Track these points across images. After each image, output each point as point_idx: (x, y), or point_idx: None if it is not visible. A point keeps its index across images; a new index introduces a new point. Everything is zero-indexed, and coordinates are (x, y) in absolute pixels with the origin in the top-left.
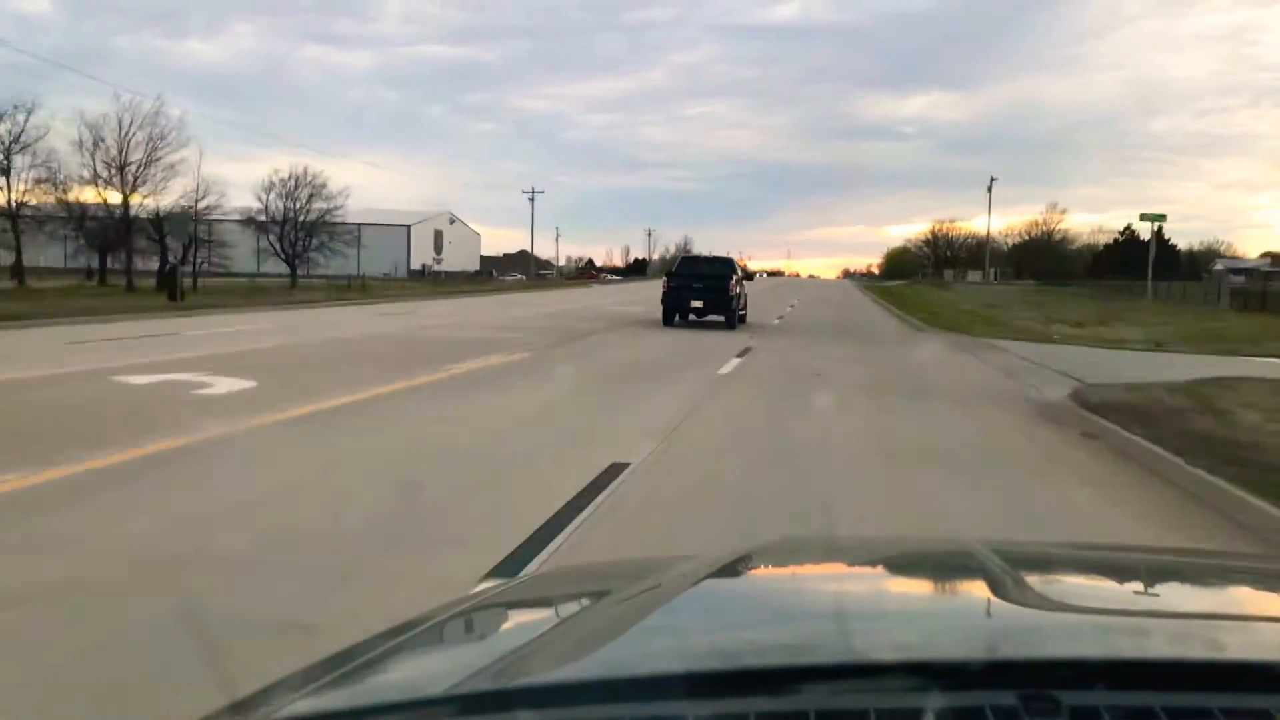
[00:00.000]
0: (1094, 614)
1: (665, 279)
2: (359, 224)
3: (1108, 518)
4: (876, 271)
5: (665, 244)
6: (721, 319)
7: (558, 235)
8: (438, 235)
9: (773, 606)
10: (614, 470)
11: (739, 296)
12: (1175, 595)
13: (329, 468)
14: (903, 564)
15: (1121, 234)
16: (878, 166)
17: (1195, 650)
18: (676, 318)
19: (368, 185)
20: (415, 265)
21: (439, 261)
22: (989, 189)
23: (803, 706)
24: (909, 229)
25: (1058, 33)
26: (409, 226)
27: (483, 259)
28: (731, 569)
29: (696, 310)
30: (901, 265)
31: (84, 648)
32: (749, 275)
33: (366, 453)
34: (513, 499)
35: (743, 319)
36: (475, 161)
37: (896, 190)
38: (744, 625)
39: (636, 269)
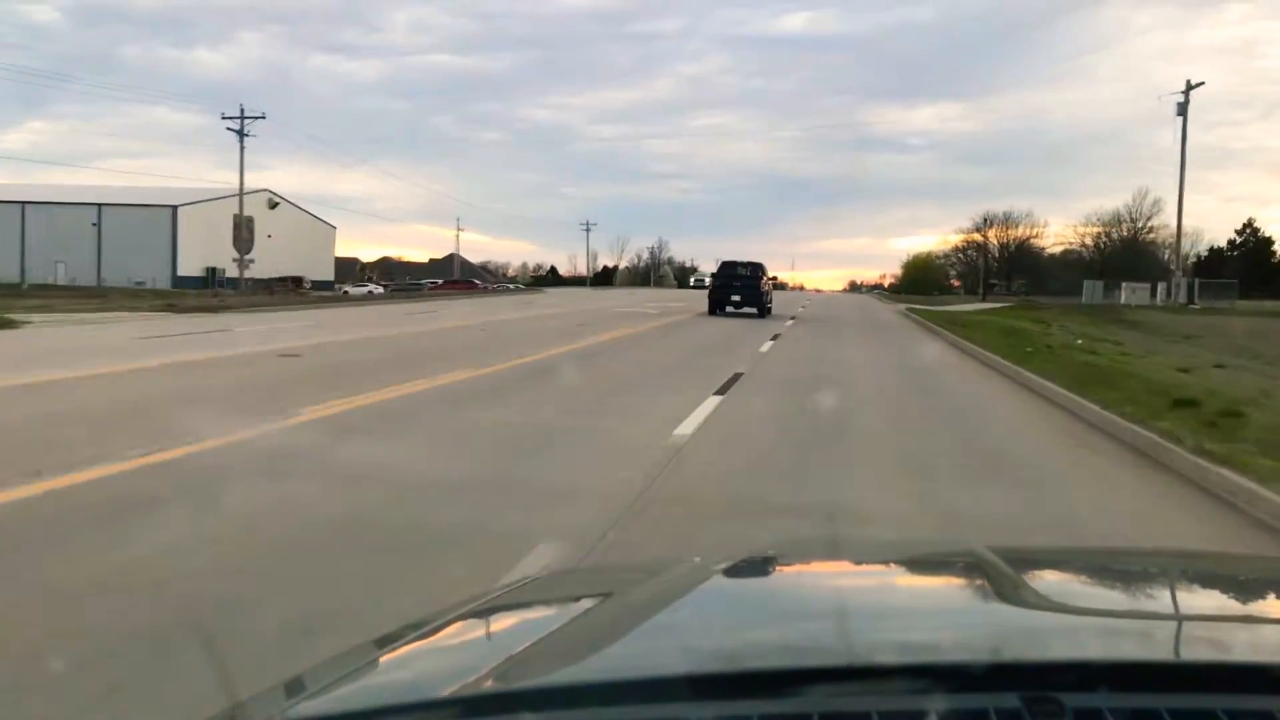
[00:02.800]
0: (1097, 616)
1: (711, 278)
2: (98, 204)
3: None
4: (887, 284)
5: (637, 250)
6: (755, 311)
7: (458, 229)
8: (239, 225)
9: (776, 608)
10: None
11: (767, 293)
12: (1178, 597)
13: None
14: (906, 566)
15: (1241, 232)
16: (885, 178)
17: (1198, 652)
18: (719, 310)
19: (379, 194)
20: (197, 266)
21: (246, 263)
22: (1181, 113)
23: (806, 708)
24: (916, 241)
25: (1067, 44)
26: (174, 208)
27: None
28: (734, 571)
29: (734, 303)
30: (927, 276)
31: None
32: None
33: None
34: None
35: (769, 311)
36: (484, 171)
37: (904, 202)
38: (747, 627)
39: (604, 278)
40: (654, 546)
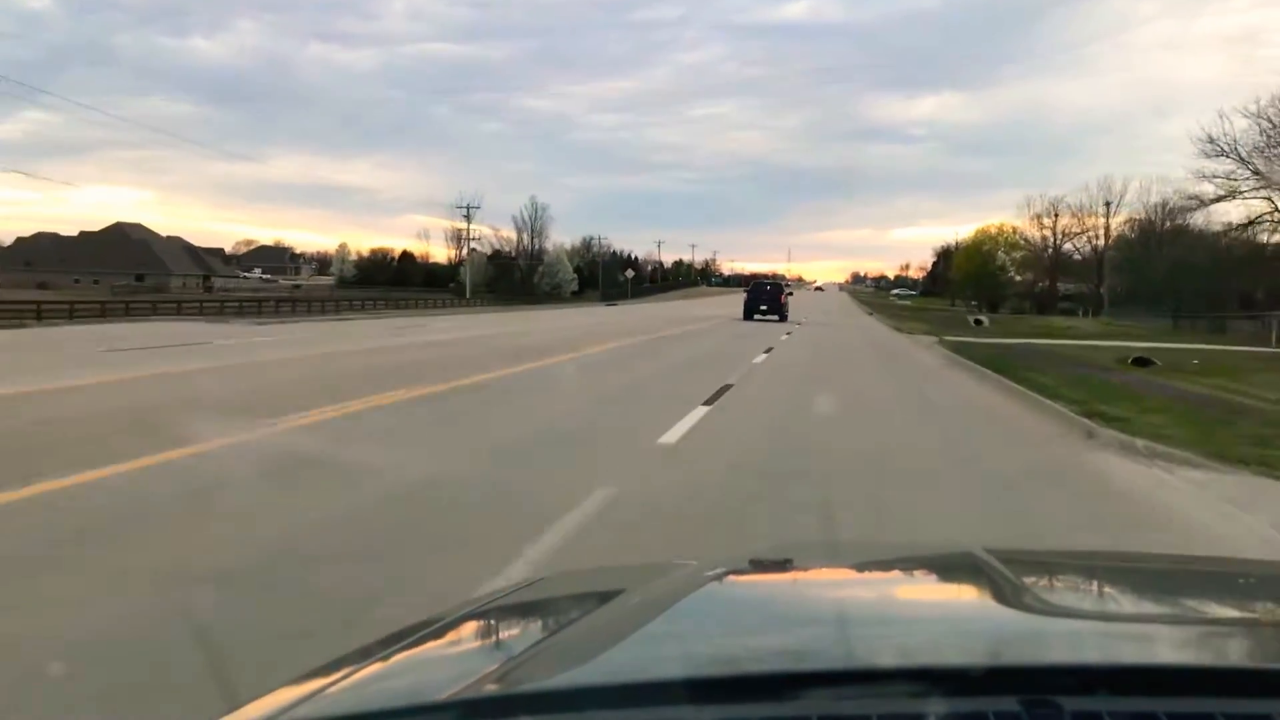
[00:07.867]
0: (1096, 620)
1: (746, 292)
2: None
3: None
4: (893, 276)
5: (480, 230)
6: (776, 317)
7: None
8: None
9: (774, 612)
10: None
11: (786, 304)
12: (1177, 601)
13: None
14: (904, 569)
15: None
16: (886, 169)
17: (1197, 656)
18: (750, 316)
19: (375, 185)
20: None
21: None
22: None
23: (805, 712)
24: (919, 232)
25: (1070, 34)
26: None
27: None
28: (733, 574)
29: (761, 311)
30: (984, 274)
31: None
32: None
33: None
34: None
35: (786, 316)
36: (484, 162)
37: (905, 193)
38: (746, 631)
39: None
40: None
